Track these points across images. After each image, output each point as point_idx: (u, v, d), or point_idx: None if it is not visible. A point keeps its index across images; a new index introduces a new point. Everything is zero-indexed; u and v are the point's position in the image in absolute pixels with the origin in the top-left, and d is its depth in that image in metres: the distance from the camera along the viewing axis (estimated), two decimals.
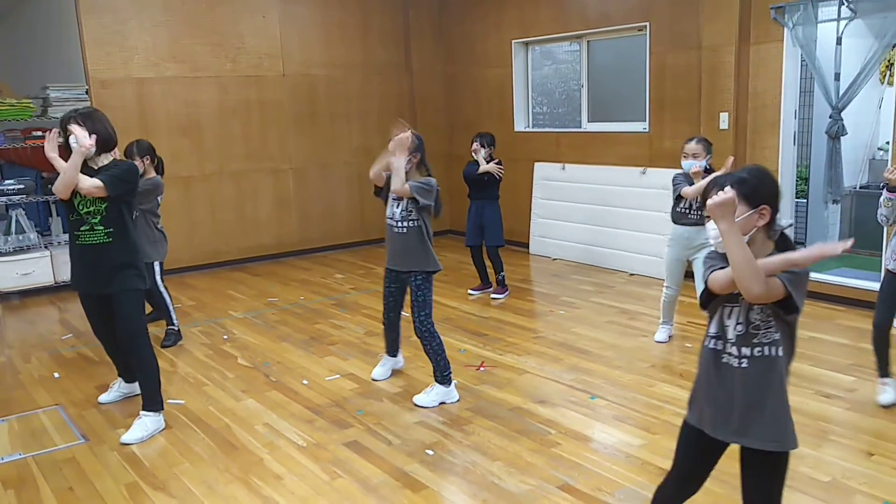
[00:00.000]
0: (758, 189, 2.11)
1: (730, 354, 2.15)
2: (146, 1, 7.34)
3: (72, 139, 3.70)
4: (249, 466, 3.54)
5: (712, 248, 2.20)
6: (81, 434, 3.99)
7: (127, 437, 3.84)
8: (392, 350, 4.65)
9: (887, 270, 3.86)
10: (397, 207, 4.17)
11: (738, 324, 2.13)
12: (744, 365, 2.13)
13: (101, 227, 3.79)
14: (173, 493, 3.32)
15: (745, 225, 2.09)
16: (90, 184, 3.68)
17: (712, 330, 2.21)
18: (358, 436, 3.82)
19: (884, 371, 3.99)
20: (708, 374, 2.22)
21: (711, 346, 2.21)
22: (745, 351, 2.12)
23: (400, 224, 4.16)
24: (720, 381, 2.18)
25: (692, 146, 4.71)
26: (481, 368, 4.72)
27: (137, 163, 5.27)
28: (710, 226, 2.12)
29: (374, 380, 4.57)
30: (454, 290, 6.66)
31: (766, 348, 2.11)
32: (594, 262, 7.48)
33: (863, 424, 3.76)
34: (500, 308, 6.14)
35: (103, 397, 4.42)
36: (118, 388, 4.43)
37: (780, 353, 2.11)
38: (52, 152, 3.76)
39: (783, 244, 2.16)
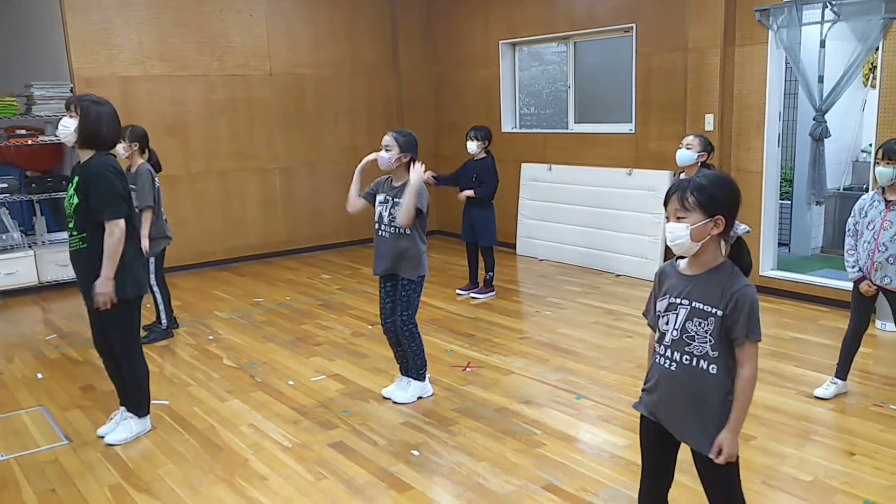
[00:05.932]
0: (714, 198, 2.14)
1: (662, 356, 2.25)
2: None
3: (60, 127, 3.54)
4: (234, 467, 3.53)
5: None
6: (64, 435, 3.96)
7: (111, 438, 3.81)
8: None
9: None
10: (386, 211, 4.07)
11: (674, 329, 2.21)
12: (672, 368, 2.22)
13: (76, 232, 3.58)
14: (157, 495, 3.31)
15: (699, 233, 2.13)
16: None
17: (659, 328, 2.29)
18: (343, 436, 3.82)
19: (843, 374, 4.09)
20: (652, 364, 2.33)
21: (656, 340, 2.30)
22: (676, 356, 2.21)
23: (388, 228, 4.06)
24: (658, 376, 2.28)
25: (688, 138, 5.02)
26: (467, 369, 4.73)
27: (124, 146, 5.07)
28: (670, 227, 2.18)
29: (384, 397, 4.30)
30: (441, 291, 6.66)
31: (695, 360, 2.17)
32: (580, 263, 7.50)
33: (845, 424, 3.79)
34: (486, 309, 6.14)
35: (103, 430, 3.92)
36: (117, 420, 3.94)
37: (714, 370, 2.15)
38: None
39: (737, 251, 2.21)
